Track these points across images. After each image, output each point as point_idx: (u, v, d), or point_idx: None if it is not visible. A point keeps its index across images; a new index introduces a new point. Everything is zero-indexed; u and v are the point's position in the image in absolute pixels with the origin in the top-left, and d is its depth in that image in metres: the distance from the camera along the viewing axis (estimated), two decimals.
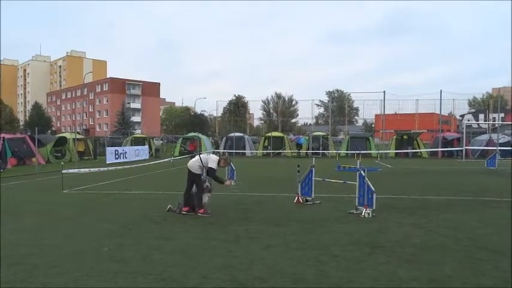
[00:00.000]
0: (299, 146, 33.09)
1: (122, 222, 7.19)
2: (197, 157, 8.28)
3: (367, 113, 50.65)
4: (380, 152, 30.37)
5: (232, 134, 34.46)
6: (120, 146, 30.05)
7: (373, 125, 55.70)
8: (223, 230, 6.59)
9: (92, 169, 15.57)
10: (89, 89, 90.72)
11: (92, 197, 10.48)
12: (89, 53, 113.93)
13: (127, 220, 7.36)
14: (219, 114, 50.08)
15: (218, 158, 8.26)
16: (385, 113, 34.92)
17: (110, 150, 25.25)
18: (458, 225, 6.96)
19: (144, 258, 5.02)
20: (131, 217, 7.65)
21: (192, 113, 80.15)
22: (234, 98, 66.20)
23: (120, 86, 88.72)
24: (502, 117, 48.22)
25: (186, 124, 71.26)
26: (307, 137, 33.69)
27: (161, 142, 40.42)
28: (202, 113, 78.03)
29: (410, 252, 5.29)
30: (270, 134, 34.97)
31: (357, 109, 68.53)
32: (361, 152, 27.26)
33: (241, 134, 35.14)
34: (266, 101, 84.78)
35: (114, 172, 16.47)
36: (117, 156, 25.17)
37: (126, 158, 25.76)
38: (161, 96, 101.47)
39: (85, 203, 9.48)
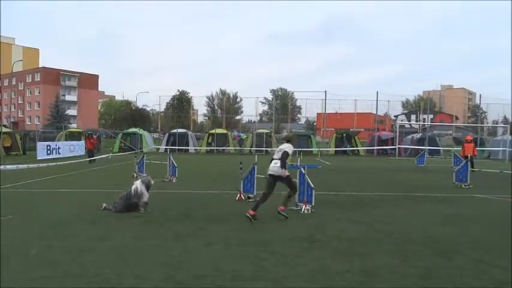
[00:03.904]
0: (241, 142, 33.32)
1: (52, 222, 6.74)
2: (277, 162, 7.42)
3: (309, 111, 52.09)
4: (320, 149, 31.41)
5: (175, 130, 33.78)
6: (53, 141, 28.23)
7: (314, 123, 57.46)
8: (162, 228, 6.42)
9: (19, 165, 14.47)
10: (18, 78, 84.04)
11: (19, 196, 9.71)
12: (19, 39, 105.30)
13: (58, 220, 6.91)
14: (162, 110, 48.84)
15: (290, 145, 7.65)
16: (326, 112, 36.19)
17: (41, 145, 23.58)
18: (390, 220, 7.40)
19: (75, 260, 4.73)
20: (63, 217, 7.19)
21: (133, 108, 77.40)
22: (177, 93, 64.84)
23: (54, 76, 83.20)
24: (431, 118, 52.05)
25: (126, 119, 68.62)
26: (245, 134, 33.97)
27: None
28: (144, 107, 75.68)
29: (346, 246, 5.52)
30: (214, 131, 34.75)
31: (299, 107, 70.25)
32: (303, 149, 28.00)
33: (184, 130, 34.58)
34: (211, 97, 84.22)
35: (45, 169, 15.42)
36: (49, 152, 23.58)
37: (59, 153, 24.23)
38: (100, 89, 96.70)
39: (11, 202, 8.74)
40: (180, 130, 33.94)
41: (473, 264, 4.83)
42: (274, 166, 7.48)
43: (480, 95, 39.09)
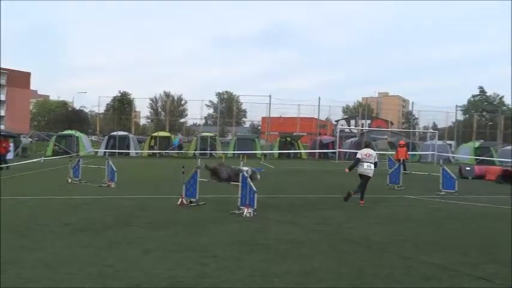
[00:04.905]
0: (179, 146, 32.90)
1: None
2: (371, 165, 10.01)
3: (254, 115, 52.69)
4: (264, 152, 31.80)
5: (115, 133, 32.43)
6: None
7: (259, 127, 58.11)
8: (98, 236, 6.11)
9: None
10: None
11: None
12: None
13: None
14: (101, 111, 46.69)
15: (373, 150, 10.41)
16: (271, 115, 36.70)
17: None
18: (329, 221, 7.67)
19: None
20: None
21: (70, 109, 73.25)
22: (118, 94, 62.37)
23: None
24: (368, 123, 54.81)
25: (62, 120, 64.68)
26: (179, 137, 33.60)
27: (30, 140, 36.04)
28: (81, 108, 71.86)
29: (286, 248, 5.62)
30: (156, 134, 33.86)
31: (245, 111, 70.63)
32: (247, 152, 28.16)
33: (125, 133, 33.28)
34: (154, 99, 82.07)
35: None
36: None
37: None
38: (32, 87, 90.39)
39: None
40: (120, 133, 32.59)
41: (402, 261, 5.15)
42: (368, 169, 9.98)
43: (412, 102, 41.94)
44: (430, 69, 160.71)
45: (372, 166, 10.02)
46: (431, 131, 41.66)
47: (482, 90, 72.66)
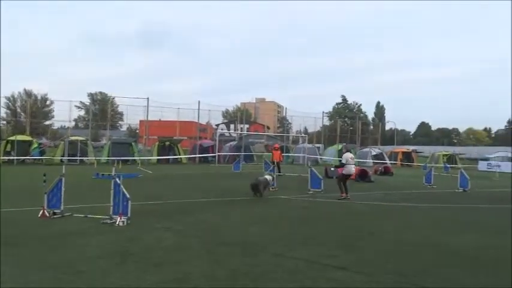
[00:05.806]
0: (41, 152, 29.67)
1: None
2: (352, 167, 12.29)
3: (131, 118, 49.94)
4: (142, 158, 30.50)
5: None
6: None
7: (137, 131, 55.50)
8: None
9: None
10: None
11: None
12: None
13: None
14: None
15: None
16: (149, 119, 35.41)
17: None
18: (205, 224, 7.71)
19: None
20: None
21: None
22: None
23: None
24: (247, 128, 57.03)
25: None
26: (37, 141, 30.64)
27: None
28: None
29: (159, 256, 5.45)
30: (14, 138, 29.69)
31: (121, 114, 66.71)
32: (122, 158, 26.68)
33: None
34: (11, 99, 71.96)
35: None
36: None
37: None
38: None
39: None
40: None
41: (273, 259, 5.44)
42: (352, 169, 12.23)
43: (286, 108, 45.07)
44: (302, 78, 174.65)
45: (353, 167, 12.56)
46: (303, 135, 45.28)
47: (344, 99, 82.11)
